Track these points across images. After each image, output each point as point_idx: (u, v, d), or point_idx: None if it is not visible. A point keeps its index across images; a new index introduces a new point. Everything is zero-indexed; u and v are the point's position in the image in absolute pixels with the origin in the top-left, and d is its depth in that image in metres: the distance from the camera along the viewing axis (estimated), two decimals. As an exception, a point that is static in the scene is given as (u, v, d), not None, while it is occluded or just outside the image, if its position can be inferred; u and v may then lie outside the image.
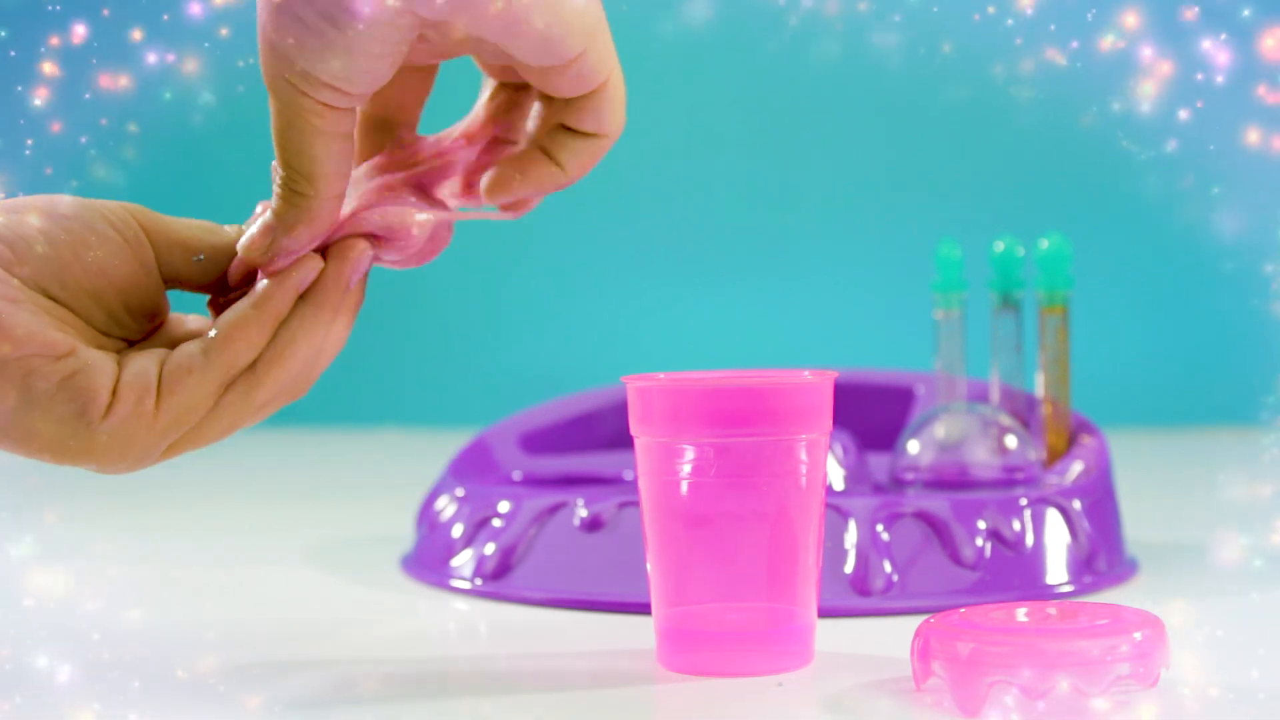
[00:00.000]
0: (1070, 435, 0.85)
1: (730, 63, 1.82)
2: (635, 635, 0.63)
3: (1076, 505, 0.73)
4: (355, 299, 0.53)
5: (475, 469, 0.88)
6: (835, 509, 0.69)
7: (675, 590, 0.56)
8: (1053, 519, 0.72)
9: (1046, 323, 0.84)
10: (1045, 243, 0.84)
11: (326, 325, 0.52)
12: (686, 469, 0.55)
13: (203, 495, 1.25)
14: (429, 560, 0.78)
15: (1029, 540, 0.70)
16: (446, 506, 0.79)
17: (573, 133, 0.53)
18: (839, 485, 0.82)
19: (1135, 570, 0.76)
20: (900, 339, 1.42)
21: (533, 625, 0.67)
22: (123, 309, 0.52)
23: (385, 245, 0.53)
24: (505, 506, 0.75)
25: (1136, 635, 0.48)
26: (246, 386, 0.51)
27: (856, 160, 1.79)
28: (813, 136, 1.81)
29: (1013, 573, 0.69)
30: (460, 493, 0.79)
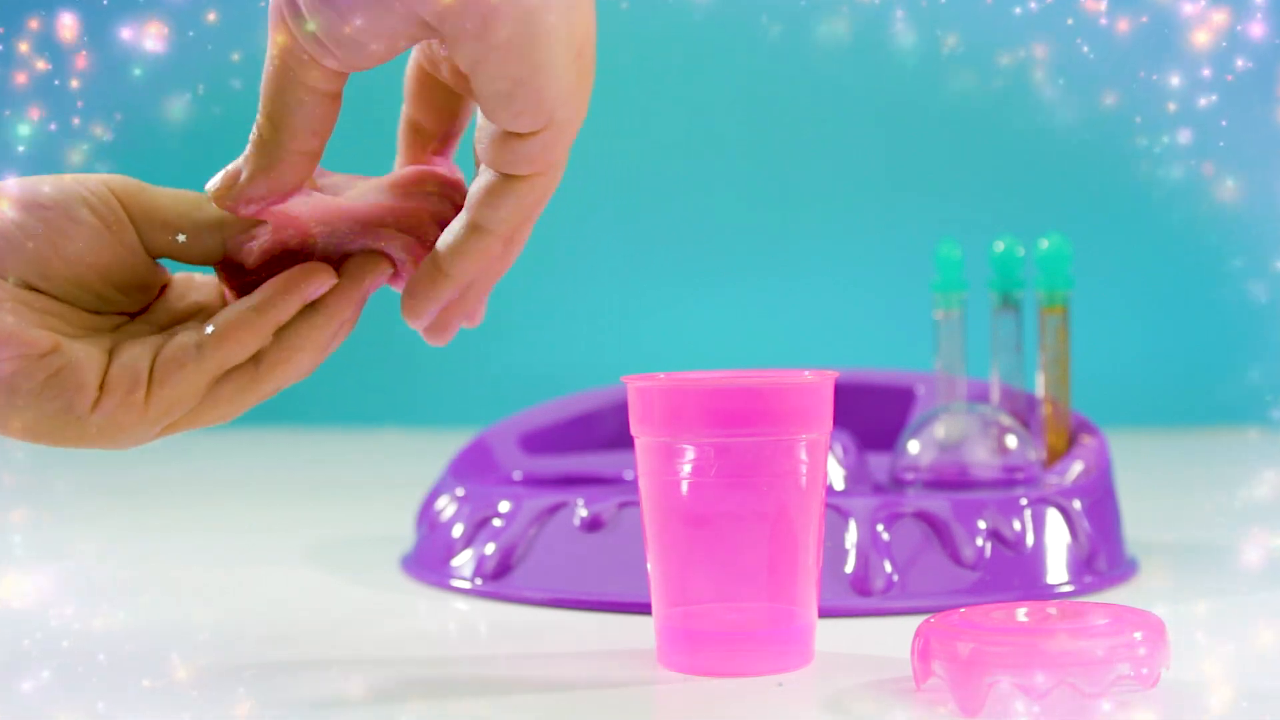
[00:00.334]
0: (1070, 435, 0.85)
1: (730, 63, 1.83)
2: (635, 635, 0.63)
3: (1076, 505, 0.73)
4: (359, 309, 0.53)
5: (475, 469, 0.88)
6: (835, 509, 0.69)
7: (675, 590, 0.56)
8: (1053, 519, 0.72)
9: (1046, 323, 0.84)
10: (1045, 243, 0.84)
11: (332, 334, 0.52)
12: (687, 469, 0.55)
13: (203, 495, 1.25)
14: (429, 560, 0.78)
15: (1029, 540, 0.70)
16: (446, 506, 0.79)
17: (463, 230, 0.51)
18: (839, 485, 0.82)
19: (1135, 570, 0.76)
20: (900, 339, 1.42)
21: (533, 625, 0.67)
22: (111, 289, 0.51)
23: (395, 277, 0.54)
24: (505, 506, 0.75)
25: (1136, 635, 0.48)
26: (246, 381, 0.51)
27: (856, 160, 1.79)
28: (813, 136, 1.81)
29: (1013, 573, 0.69)
30: (460, 493, 0.79)
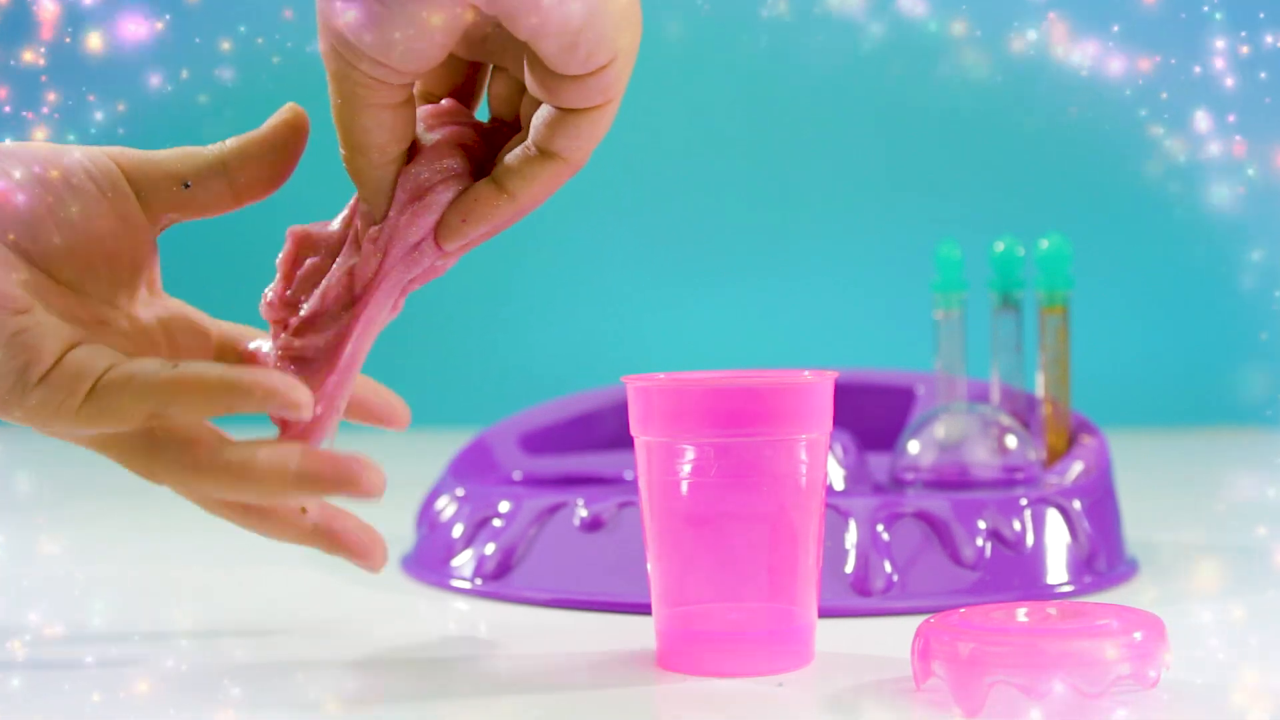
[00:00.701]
0: (1070, 435, 0.85)
1: (730, 63, 1.83)
2: (635, 635, 0.63)
3: (1076, 505, 0.73)
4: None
5: (475, 469, 0.88)
6: (835, 509, 0.69)
7: (675, 590, 0.56)
8: (1053, 519, 0.72)
9: (1046, 323, 0.84)
10: (1045, 243, 0.84)
11: (284, 484, 0.51)
12: (687, 469, 0.55)
13: (203, 495, 1.24)
14: (429, 560, 0.78)
15: (1029, 540, 0.70)
16: (446, 506, 0.79)
17: (533, 156, 0.51)
18: (839, 485, 0.82)
19: (1135, 570, 0.76)
20: (900, 339, 1.42)
21: (533, 625, 0.67)
22: (103, 262, 0.51)
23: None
24: (505, 506, 0.75)
25: (1136, 635, 0.48)
26: (176, 400, 0.49)
27: (856, 160, 1.79)
28: (813, 136, 1.81)
29: (1013, 573, 0.69)
30: (460, 493, 0.79)
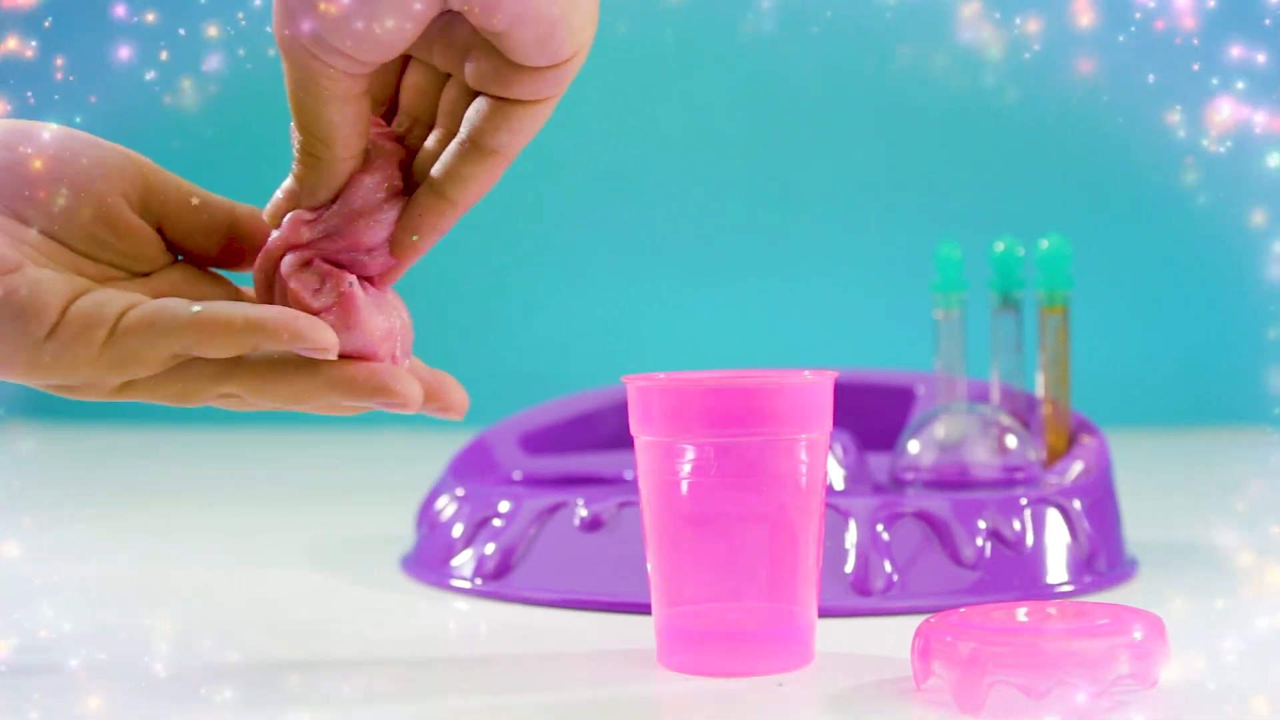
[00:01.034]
0: (1070, 435, 0.85)
1: (731, 62, 1.83)
2: (635, 635, 0.63)
3: (1076, 505, 0.73)
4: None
5: (475, 469, 0.88)
6: (835, 509, 0.69)
7: (675, 590, 0.56)
8: (1053, 519, 0.72)
9: (1046, 323, 0.84)
10: (1045, 243, 0.84)
11: (317, 391, 0.51)
12: (687, 469, 0.55)
13: (203, 495, 1.25)
14: (429, 560, 0.78)
15: (1029, 540, 0.70)
16: (446, 506, 0.79)
17: (470, 155, 0.51)
18: (839, 485, 0.82)
19: (1135, 570, 0.76)
20: (900, 339, 1.42)
21: (533, 625, 0.67)
22: (105, 228, 0.51)
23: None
24: (505, 506, 0.75)
25: (1136, 635, 0.48)
26: (213, 375, 0.50)
27: (856, 160, 1.79)
28: (813, 136, 1.81)
29: (1013, 573, 0.69)
30: (460, 493, 0.79)
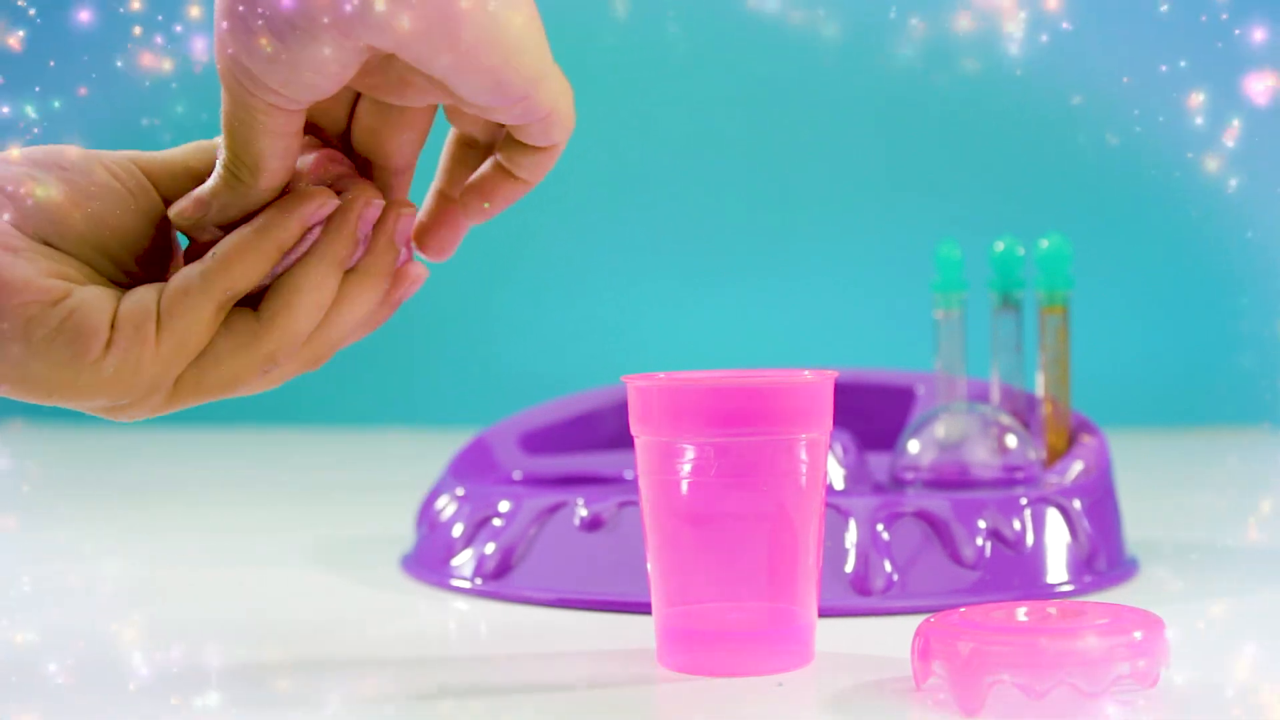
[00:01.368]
0: (1070, 435, 0.85)
1: (730, 62, 1.83)
2: (635, 635, 0.63)
3: (1076, 505, 0.73)
4: (377, 267, 0.52)
5: (475, 469, 0.88)
6: (835, 509, 0.69)
7: (675, 590, 0.56)
8: (1053, 519, 0.72)
9: (1046, 323, 0.84)
10: (1045, 243, 0.84)
11: (331, 276, 0.51)
12: (687, 469, 0.55)
13: (203, 495, 1.25)
14: (429, 560, 0.78)
15: (1029, 540, 0.70)
16: (446, 506, 0.79)
17: (525, 147, 0.53)
18: (839, 485, 0.82)
19: (1135, 570, 0.76)
20: (900, 339, 1.42)
21: (533, 625, 0.67)
22: (129, 258, 0.51)
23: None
24: (505, 506, 0.75)
25: (1136, 635, 0.48)
26: (249, 334, 0.50)
27: (856, 160, 1.79)
28: (812, 136, 1.81)
29: (1013, 572, 0.69)
30: (460, 492, 0.79)
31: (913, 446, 0.83)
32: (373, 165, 0.54)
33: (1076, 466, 0.81)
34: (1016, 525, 0.70)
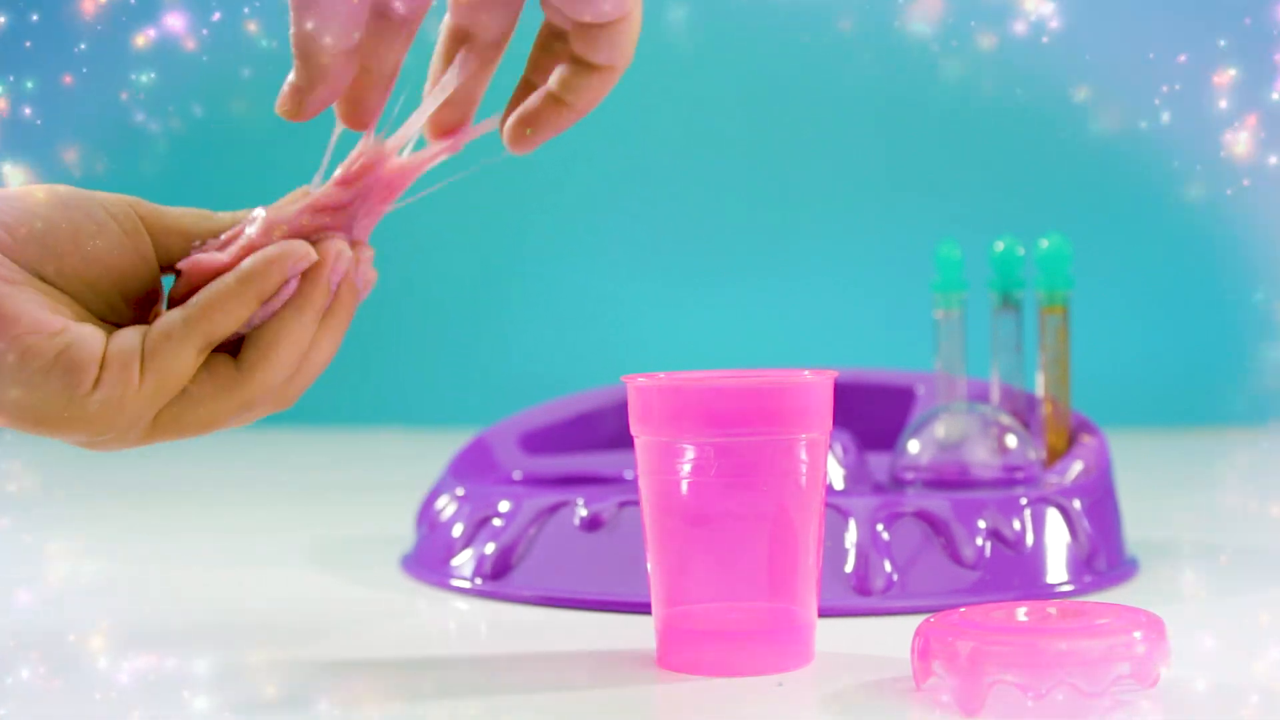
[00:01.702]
0: (1070, 435, 0.85)
1: (731, 62, 1.82)
2: (635, 635, 0.63)
3: (1076, 505, 0.73)
4: (341, 312, 0.54)
5: (475, 469, 0.88)
6: (835, 509, 0.69)
7: (675, 590, 0.56)
8: (1053, 519, 0.72)
9: (1046, 323, 0.84)
10: (1045, 243, 0.84)
11: (308, 328, 0.53)
12: (687, 468, 0.55)
13: (203, 495, 1.25)
14: (429, 560, 0.78)
15: (1029, 540, 0.70)
16: (446, 506, 0.79)
17: (581, 68, 0.53)
18: (839, 485, 0.82)
19: (1135, 570, 0.76)
20: (900, 339, 1.42)
21: (533, 625, 0.67)
22: (119, 297, 0.53)
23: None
24: (505, 506, 0.75)
25: (1136, 635, 0.48)
26: (229, 380, 0.52)
27: (856, 160, 1.79)
28: (812, 136, 1.81)
29: (1013, 572, 0.69)
30: (460, 492, 0.79)
31: (913, 446, 0.83)
32: (470, 38, 0.54)
33: (1076, 466, 0.81)
34: (1016, 525, 0.70)
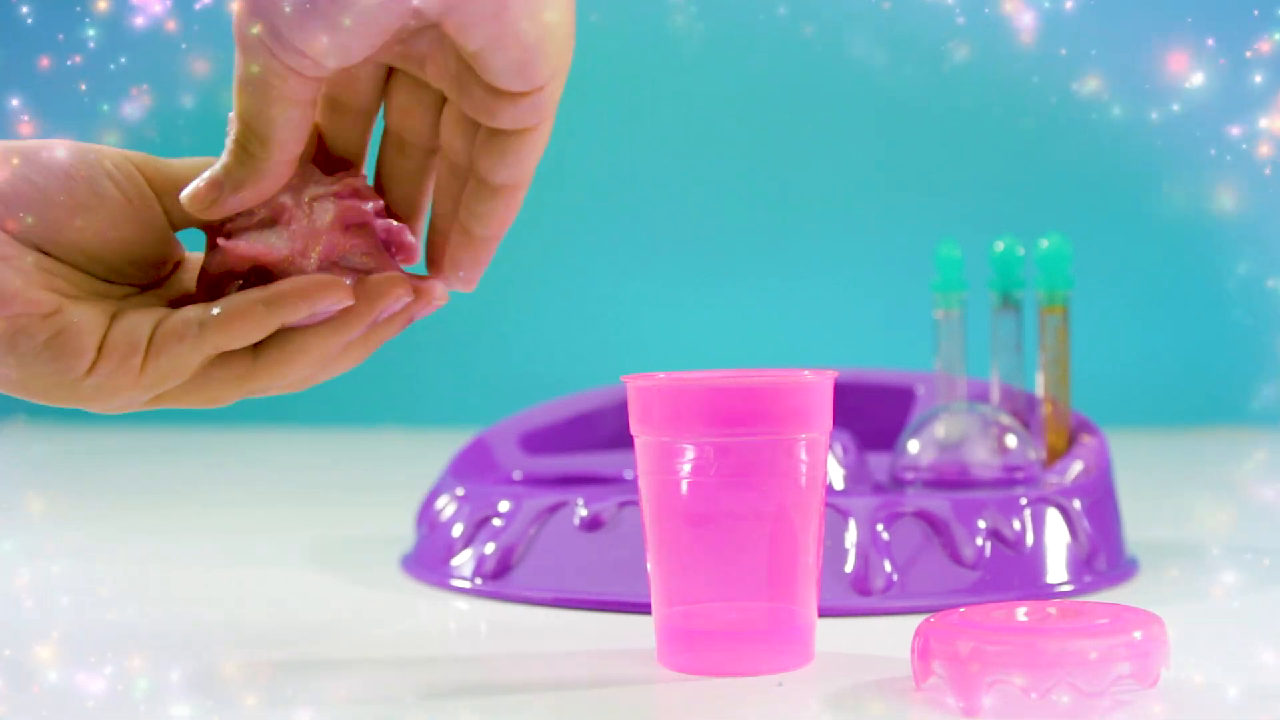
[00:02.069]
0: (1070, 435, 0.85)
1: (731, 62, 1.82)
2: (635, 635, 0.63)
3: (1076, 505, 0.73)
4: (380, 337, 0.53)
5: (475, 469, 0.88)
6: (835, 509, 0.69)
7: (675, 590, 0.56)
8: (1053, 519, 0.72)
9: (1046, 323, 0.84)
10: (1045, 243, 0.84)
11: (339, 346, 0.51)
12: (686, 468, 0.55)
13: (203, 495, 1.25)
14: (429, 560, 0.78)
15: (1029, 540, 0.70)
16: (446, 506, 0.79)
17: (484, 192, 0.52)
18: (839, 485, 0.82)
19: (1135, 570, 0.76)
20: (900, 339, 1.42)
21: (533, 625, 0.67)
22: (127, 264, 0.51)
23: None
24: (505, 506, 0.75)
25: (1136, 635, 0.48)
26: (241, 371, 0.51)
27: (856, 160, 1.79)
28: (812, 136, 1.81)
29: (1013, 572, 0.69)
30: (460, 492, 0.79)
31: (913, 446, 0.83)
32: (407, 145, 0.53)
33: (1076, 466, 0.81)
34: (1016, 525, 0.70)
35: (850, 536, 0.68)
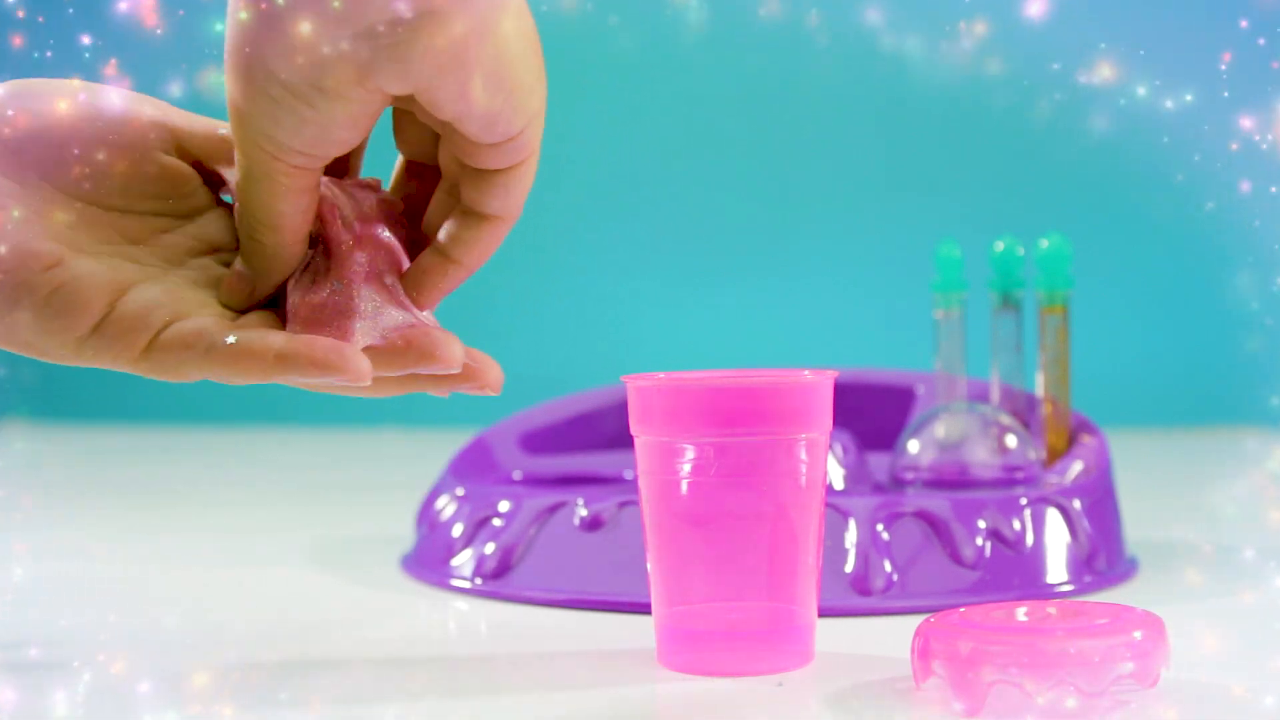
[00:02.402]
0: (1070, 435, 0.85)
1: (730, 62, 1.83)
2: (635, 635, 0.63)
3: (1076, 505, 0.73)
4: (423, 388, 0.53)
5: (475, 469, 0.88)
6: (835, 509, 0.69)
7: (675, 590, 0.56)
8: (1053, 519, 0.72)
9: (1046, 323, 0.84)
10: (1045, 243, 0.84)
11: (340, 388, 0.51)
12: (686, 468, 0.55)
13: (203, 495, 1.25)
14: (429, 560, 0.78)
15: (1029, 540, 0.70)
16: (446, 506, 0.79)
17: (470, 220, 0.52)
18: (839, 485, 0.82)
19: (1135, 570, 0.76)
20: (900, 339, 1.42)
21: (533, 625, 0.67)
22: (144, 180, 0.51)
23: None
24: (505, 506, 0.75)
25: (1136, 635, 0.48)
26: (236, 371, 0.50)
27: (856, 160, 1.79)
28: (812, 136, 1.81)
29: (1013, 572, 0.69)
30: (460, 492, 0.79)
31: (913, 446, 0.83)
32: (426, 169, 0.54)
33: (1076, 466, 0.81)
34: (1016, 525, 0.70)
35: (850, 536, 0.68)
